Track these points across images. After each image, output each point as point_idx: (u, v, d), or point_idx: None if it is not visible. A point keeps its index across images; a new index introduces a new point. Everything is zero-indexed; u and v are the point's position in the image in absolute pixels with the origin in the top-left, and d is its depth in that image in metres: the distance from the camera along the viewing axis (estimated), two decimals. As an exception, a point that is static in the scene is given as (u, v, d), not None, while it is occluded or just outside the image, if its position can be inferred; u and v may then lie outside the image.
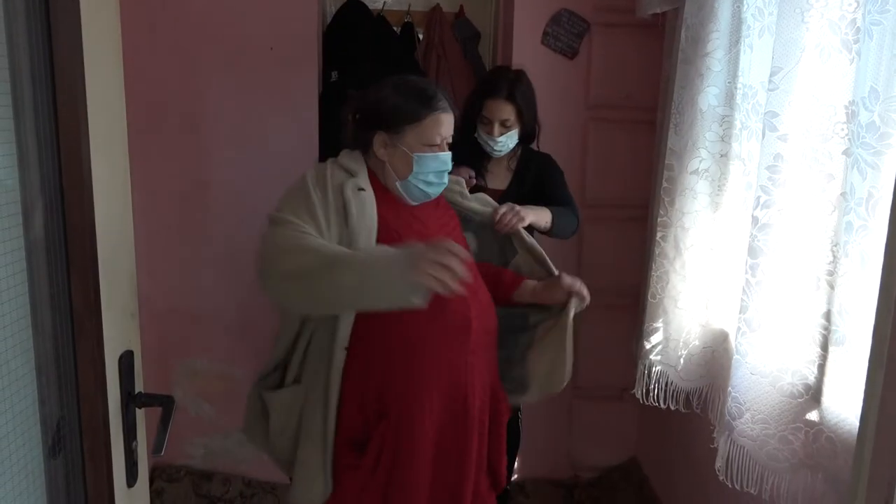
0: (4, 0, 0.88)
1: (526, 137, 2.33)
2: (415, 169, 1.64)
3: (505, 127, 2.23)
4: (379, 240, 1.59)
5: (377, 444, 1.62)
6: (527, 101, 2.25)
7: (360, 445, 1.65)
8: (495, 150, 2.27)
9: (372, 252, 1.51)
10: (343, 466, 1.65)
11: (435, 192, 1.70)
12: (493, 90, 2.23)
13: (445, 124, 1.66)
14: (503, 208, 1.89)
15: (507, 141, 2.25)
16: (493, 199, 2.00)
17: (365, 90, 1.72)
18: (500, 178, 2.35)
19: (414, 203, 1.70)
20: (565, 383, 1.75)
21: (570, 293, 1.76)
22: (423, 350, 1.62)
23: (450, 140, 1.69)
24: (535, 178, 2.33)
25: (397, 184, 1.67)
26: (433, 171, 1.66)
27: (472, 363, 1.68)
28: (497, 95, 2.22)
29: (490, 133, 2.23)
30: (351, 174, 1.64)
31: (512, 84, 2.22)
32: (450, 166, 1.69)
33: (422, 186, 1.67)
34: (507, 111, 2.22)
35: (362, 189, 1.62)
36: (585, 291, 1.76)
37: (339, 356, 1.60)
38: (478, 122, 2.26)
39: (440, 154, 1.66)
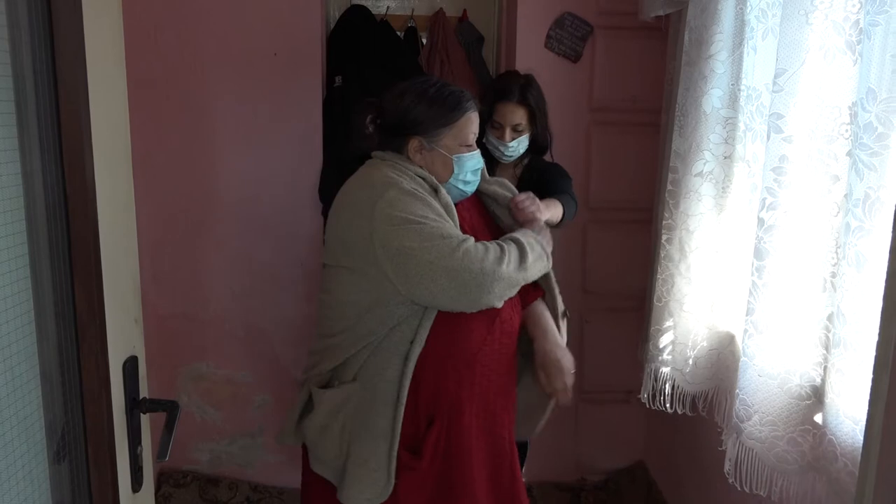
0: (7, 8, 0.88)
1: (537, 148, 2.30)
2: (455, 170, 1.69)
3: (516, 132, 2.21)
4: None
5: (432, 447, 1.66)
6: (539, 104, 2.22)
7: (411, 448, 1.66)
8: (505, 156, 2.25)
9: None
10: (399, 467, 1.65)
11: (472, 190, 1.76)
12: (504, 94, 2.21)
13: (475, 122, 1.71)
14: (522, 195, 1.86)
15: (517, 146, 2.23)
16: None
17: (382, 96, 1.73)
18: None
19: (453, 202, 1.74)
20: None
21: (552, 392, 1.74)
22: (479, 360, 1.67)
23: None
24: (538, 179, 2.31)
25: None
26: (471, 169, 1.71)
27: (512, 373, 1.77)
28: (508, 99, 2.19)
29: (501, 138, 2.21)
30: (433, 182, 1.67)
31: (523, 88, 2.20)
32: (483, 163, 1.75)
33: (461, 186, 1.72)
34: (519, 115, 2.20)
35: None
36: (569, 389, 1.73)
37: (416, 353, 1.61)
38: (488, 128, 2.24)
39: (476, 153, 1.72)
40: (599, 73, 2.68)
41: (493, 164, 2.31)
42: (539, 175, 2.31)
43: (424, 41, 3.01)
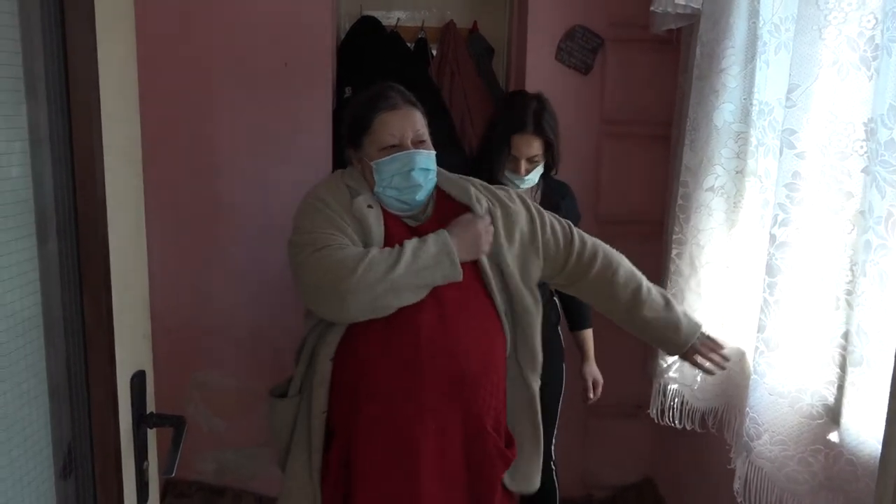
0: (21, 18, 0.88)
1: (547, 167, 2.21)
2: (376, 177, 1.58)
3: (532, 163, 2.12)
4: None
5: (336, 462, 1.59)
6: (554, 131, 2.12)
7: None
8: (520, 188, 2.14)
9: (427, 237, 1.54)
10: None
11: (411, 196, 1.58)
12: (518, 126, 2.09)
13: (395, 123, 1.57)
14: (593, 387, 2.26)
15: (533, 177, 2.15)
16: None
17: None
18: None
19: (399, 213, 1.62)
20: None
21: None
22: (377, 371, 1.55)
23: (419, 137, 1.59)
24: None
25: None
26: (396, 173, 1.56)
27: (429, 411, 1.55)
28: (523, 131, 2.09)
29: (516, 171, 2.11)
30: (358, 192, 1.59)
31: (537, 115, 2.10)
32: (416, 164, 1.56)
33: (391, 194, 1.58)
34: (536, 146, 2.10)
35: (370, 206, 1.58)
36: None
37: (324, 367, 1.58)
38: (503, 160, 2.12)
39: (398, 155, 1.55)
40: (610, 86, 2.68)
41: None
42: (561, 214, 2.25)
43: (435, 53, 3.02)
